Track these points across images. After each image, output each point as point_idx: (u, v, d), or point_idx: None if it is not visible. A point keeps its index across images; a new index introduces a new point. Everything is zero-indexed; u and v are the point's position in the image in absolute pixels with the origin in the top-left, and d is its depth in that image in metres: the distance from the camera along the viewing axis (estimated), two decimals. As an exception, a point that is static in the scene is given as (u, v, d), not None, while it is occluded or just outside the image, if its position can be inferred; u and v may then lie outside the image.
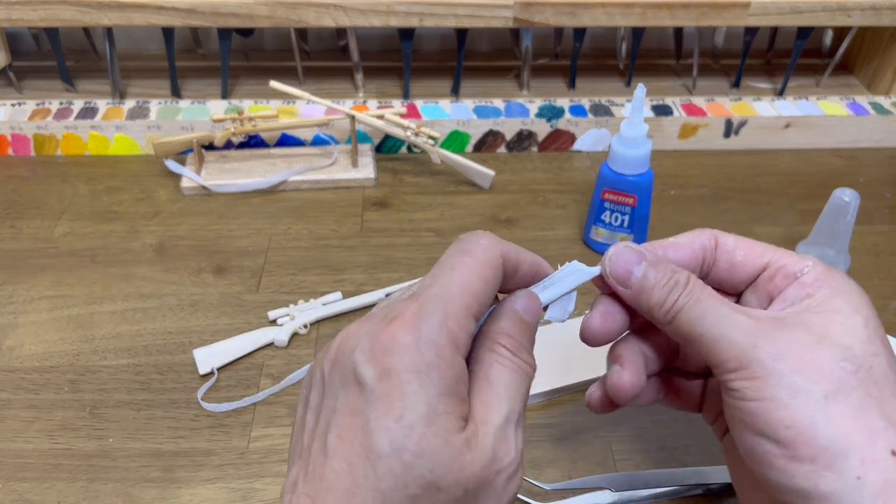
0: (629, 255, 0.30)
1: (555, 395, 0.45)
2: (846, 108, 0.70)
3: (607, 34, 0.81)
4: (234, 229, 0.58)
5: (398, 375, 0.24)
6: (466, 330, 0.26)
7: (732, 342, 0.27)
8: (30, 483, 0.40)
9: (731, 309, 0.28)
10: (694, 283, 0.29)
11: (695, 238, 0.32)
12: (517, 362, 0.28)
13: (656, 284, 0.29)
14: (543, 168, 0.66)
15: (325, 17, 0.64)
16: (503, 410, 0.26)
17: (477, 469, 0.25)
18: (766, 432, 0.26)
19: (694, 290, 0.29)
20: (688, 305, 0.28)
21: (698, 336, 0.28)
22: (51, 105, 0.67)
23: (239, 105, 0.68)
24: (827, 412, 0.25)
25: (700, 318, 0.28)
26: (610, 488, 0.40)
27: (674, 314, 0.29)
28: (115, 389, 0.45)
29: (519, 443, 0.26)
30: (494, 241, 0.29)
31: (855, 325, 0.27)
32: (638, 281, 0.30)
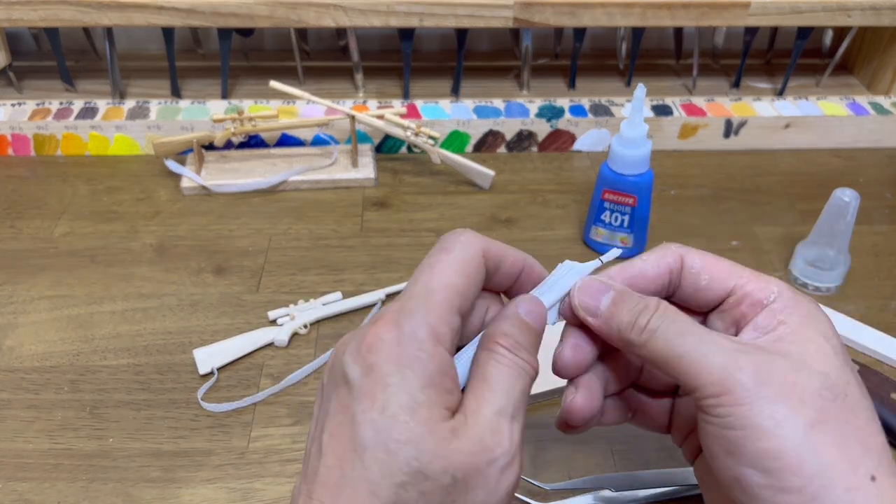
0: (597, 285, 0.30)
1: (555, 396, 0.45)
2: (846, 108, 0.70)
3: (607, 34, 0.81)
4: (235, 229, 0.58)
5: (380, 369, 0.25)
6: (448, 324, 0.27)
7: (714, 365, 0.27)
8: (30, 483, 0.40)
9: (709, 332, 0.28)
10: (665, 306, 0.29)
11: (660, 259, 0.31)
12: (514, 360, 0.28)
13: (625, 310, 0.29)
14: (543, 168, 0.66)
15: (325, 17, 0.64)
16: (496, 403, 0.26)
17: (464, 457, 0.25)
18: (751, 462, 0.26)
19: (667, 313, 0.29)
20: (662, 326, 0.28)
21: (677, 357, 0.27)
22: (51, 105, 0.67)
23: (239, 105, 0.68)
24: (812, 442, 0.25)
25: (678, 339, 0.28)
26: (610, 488, 0.40)
27: (648, 335, 0.28)
28: (115, 389, 0.45)
29: (514, 436, 0.26)
30: (473, 237, 0.29)
31: (828, 352, 0.27)
32: (606, 308, 0.30)
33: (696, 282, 0.31)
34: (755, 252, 0.57)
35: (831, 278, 0.52)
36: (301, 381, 0.46)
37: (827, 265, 0.52)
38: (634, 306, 0.29)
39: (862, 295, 0.53)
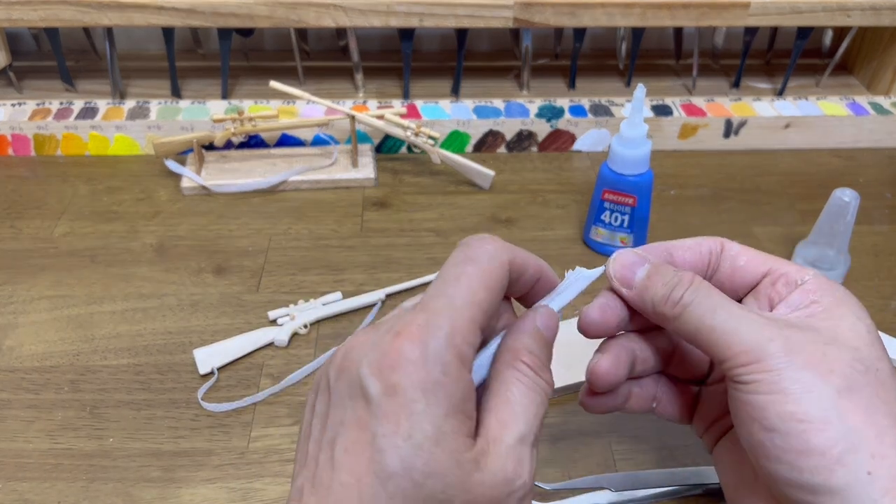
0: (633, 257, 0.31)
1: (555, 395, 0.45)
2: (846, 108, 0.70)
3: (607, 34, 0.81)
4: (235, 229, 0.58)
5: (405, 393, 0.24)
6: (472, 344, 0.26)
7: (746, 335, 0.27)
8: (30, 483, 0.40)
9: (741, 307, 0.29)
10: (699, 281, 0.29)
11: (701, 242, 0.32)
12: (538, 381, 0.27)
13: (660, 283, 0.30)
14: (543, 168, 0.66)
15: (325, 18, 0.64)
16: (519, 429, 0.26)
17: (487, 489, 0.24)
18: (776, 426, 0.26)
19: (700, 287, 0.29)
20: (696, 300, 0.29)
21: (709, 329, 0.28)
22: (51, 105, 0.67)
23: (239, 105, 0.68)
24: (839, 407, 0.26)
25: (711, 312, 0.28)
26: (610, 488, 0.40)
27: (681, 309, 0.29)
28: (116, 389, 0.45)
29: (532, 464, 0.26)
30: (500, 247, 0.28)
31: (860, 330, 0.28)
32: (641, 280, 0.30)
33: (733, 263, 0.32)
34: (755, 252, 0.57)
35: (831, 278, 0.52)
36: (301, 381, 0.46)
37: (827, 265, 0.52)
38: (669, 280, 0.29)
39: (862, 295, 0.53)
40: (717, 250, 0.32)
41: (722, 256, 0.32)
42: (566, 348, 0.47)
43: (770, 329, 0.27)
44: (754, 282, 0.31)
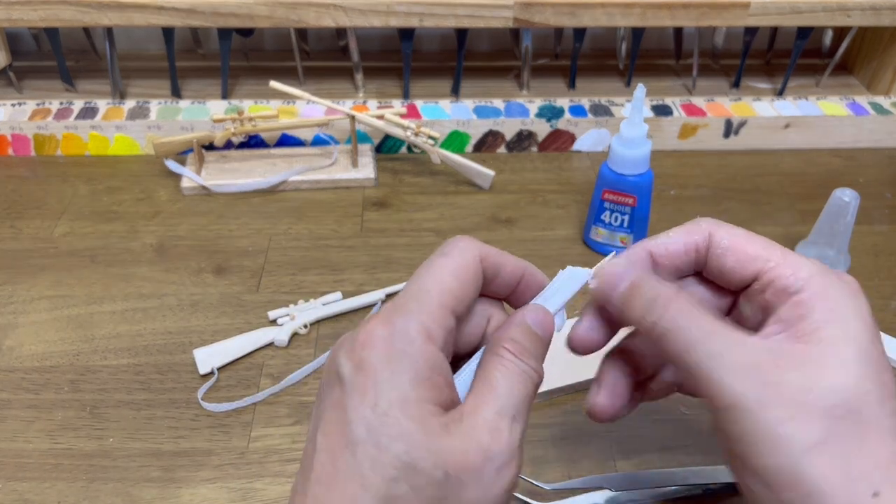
0: (616, 269, 0.30)
1: (555, 395, 0.45)
2: (846, 108, 0.70)
3: (607, 34, 0.81)
4: (235, 229, 0.58)
5: (371, 365, 0.25)
6: (441, 324, 0.27)
7: (720, 382, 0.27)
8: (30, 483, 0.40)
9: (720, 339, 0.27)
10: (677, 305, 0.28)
11: (687, 235, 0.31)
12: (520, 365, 0.28)
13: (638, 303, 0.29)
14: (543, 168, 0.66)
15: (325, 18, 0.64)
16: (497, 404, 0.26)
17: (458, 454, 0.25)
18: (754, 474, 0.26)
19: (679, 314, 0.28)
20: (673, 330, 0.28)
21: (685, 367, 0.28)
22: (51, 105, 0.67)
23: (239, 105, 0.68)
24: (812, 462, 0.25)
25: (686, 352, 0.27)
26: (610, 488, 0.40)
27: (657, 336, 0.28)
28: (116, 389, 0.45)
29: (514, 436, 0.26)
30: (471, 243, 0.29)
31: (847, 360, 0.27)
32: (621, 296, 0.30)
33: (721, 263, 0.30)
34: (755, 252, 0.57)
35: (831, 278, 0.52)
36: (301, 381, 0.46)
37: (827, 265, 0.52)
38: (645, 300, 0.29)
39: (862, 295, 0.53)
40: (703, 245, 0.31)
41: (709, 253, 0.31)
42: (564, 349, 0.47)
43: (747, 375, 0.26)
44: (744, 283, 0.30)
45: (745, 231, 0.31)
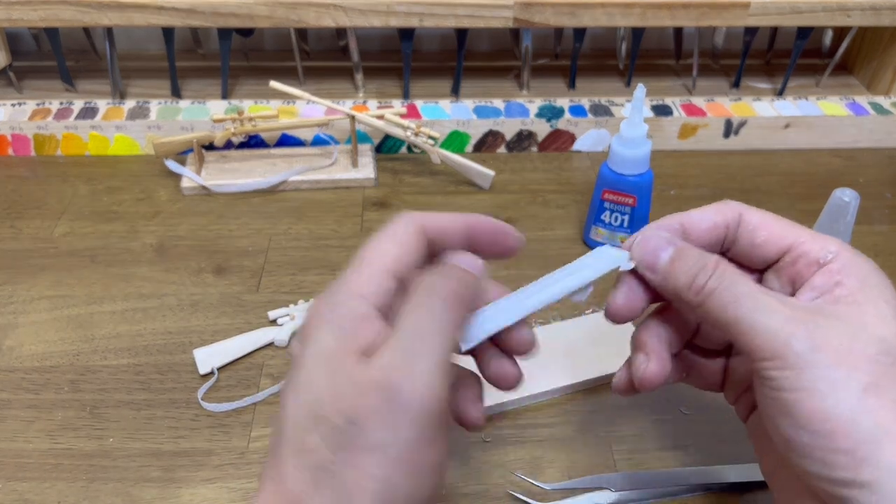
0: (656, 241, 0.31)
1: (555, 395, 0.45)
2: (846, 108, 0.70)
3: (607, 34, 0.81)
4: (235, 229, 0.58)
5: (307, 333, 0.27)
6: (376, 283, 0.27)
7: (769, 330, 0.27)
8: (30, 483, 0.40)
9: (765, 295, 0.28)
10: (724, 266, 0.29)
11: (718, 213, 0.32)
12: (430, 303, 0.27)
13: (683, 269, 0.29)
14: (543, 168, 0.66)
15: (325, 18, 0.64)
16: (403, 344, 0.25)
17: (357, 398, 0.24)
18: (803, 424, 0.26)
19: (725, 273, 0.29)
20: (719, 289, 0.28)
21: (732, 321, 0.28)
22: (51, 105, 0.67)
23: (239, 105, 0.68)
24: (865, 405, 0.26)
25: (734, 303, 0.28)
26: (610, 488, 0.40)
27: (703, 297, 0.29)
28: (116, 389, 0.45)
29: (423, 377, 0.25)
30: (410, 214, 0.30)
31: (887, 316, 0.27)
32: (664, 266, 0.30)
33: (752, 238, 0.31)
34: (755, 252, 0.57)
35: (831, 278, 0.52)
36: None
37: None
38: (693, 265, 0.29)
39: (862, 295, 0.53)
40: (734, 223, 0.31)
41: (739, 231, 0.31)
42: (564, 349, 0.47)
43: (794, 324, 0.27)
44: (774, 258, 0.31)
45: (772, 214, 0.32)
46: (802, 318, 0.27)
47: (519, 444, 0.42)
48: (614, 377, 0.34)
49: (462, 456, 0.41)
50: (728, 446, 0.42)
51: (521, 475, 0.40)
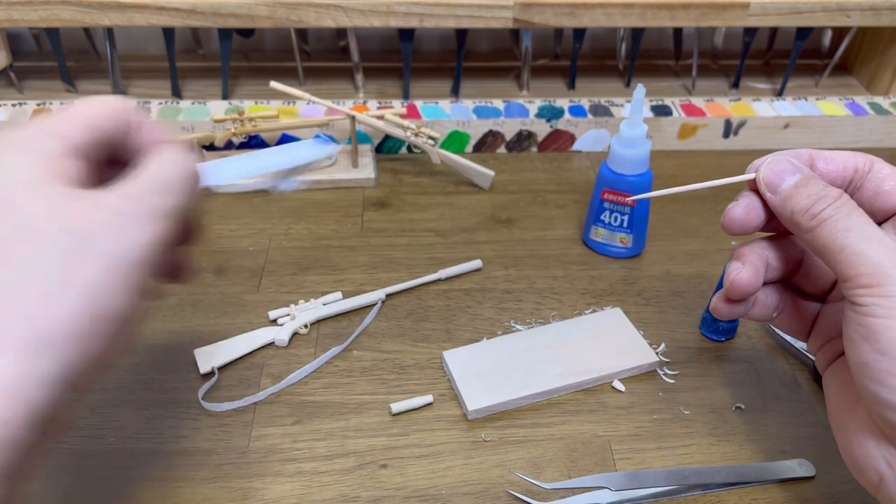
0: (785, 164, 0.32)
1: (555, 395, 0.45)
2: (845, 108, 0.70)
3: (607, 35, 0.81)
4: (235, 229, 0.58)
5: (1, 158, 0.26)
6: (68, 131, 0.27)
7: (872, 258, 0.28)
8: (30, 483, 0.40)
9: (877, 229, 0.29)
10: (845, 199, 0.30)
11: (851, 156, 0.33)
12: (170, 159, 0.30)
13: (805, 194, 0.31)
14: (543, 168, 0.66)
15: (326, 18, 0.64)
16: (136, 182, 0.27)
17: (80, 215, 0.25)
18: (885, 350, 0.27)
19: (844, 205, 0.30)
20: (835, 217, 0.29)
21: (839, 248, 0.29)
22: (52, 105, 0.67)
23: (239, 105, 0.68)
24: None
25: (845, 231, 0.29)
26: (610, 488, 0.40)
27: (818, 222, 0.30)
28: (116, 389, 0.45)
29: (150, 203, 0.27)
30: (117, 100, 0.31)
31: None
32: (788, 189, 0.31)
33: (879, 185, 0.32)
34: (754, 252, 0.57)
35: (830, 278, 0.53)
36: (301, 380, 0.46)
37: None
38: (815, 192, 0.30)
39: (861, 295, 0.53)
40: (864, 169, 0.32)
41: (868, 177, 0.32)
42: (563, 349, 0.47)
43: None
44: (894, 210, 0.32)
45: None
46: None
47: (519, 444, 0.42)
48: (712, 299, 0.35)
49: (462, 455, 0.42)
50: (728, 446, 0.43)
51: (521, 475, 0.40)
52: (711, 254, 0.56)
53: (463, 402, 0.44)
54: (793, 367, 0.48)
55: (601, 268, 0.55)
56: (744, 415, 0.45)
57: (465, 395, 0.44)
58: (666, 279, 0.54)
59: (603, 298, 0.52)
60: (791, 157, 0.33)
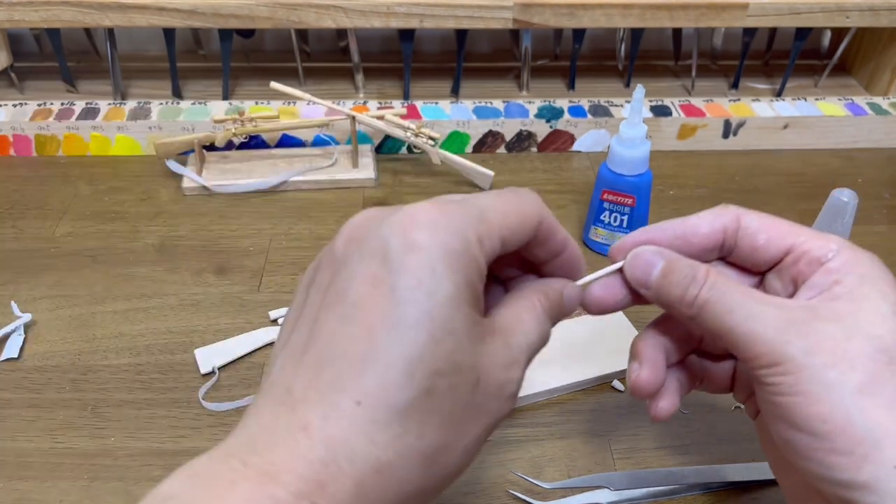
0: (647, 256, 0.30)
1: (555, 395, 0.45)
2: (844, 108, 0.70)
3: (606, 35, 0.81)
4: (236, 229, 0.58)
5: (428, 251, 0.23)
6: (491, 245, 0.25)
7: (763, 338, 0.27)
8: (31, 482, 0.40)
9: (758, 302, 0.28)
10: (713, 276, 0.29)
11: (716, 218, 0.31)
12: (543, 317, 0.28)
13: (675, 282, 0.29)
14: (543, 168, 0.67)
15: (326, 19, 0.64)
16: (521, 338, 0.27)
17: (490, 366, 0.25)
18: (802, 427, 0.26)
19: (716, 284, 0.29)
20: (712, 299, 0.28)
21: (727, 331, 0.28)
22: (52, 105, 0.67)
23: (240, 106, 0.68)
24: (861, 405, 0.26)
25: (728, 313, 0.28)
26: (610, 487, 0.40)
27: (697, 308, 0.29)
28: (117, 389, 0.45)
29: (522, 373, 0.27)
30: (537, 197, 0.29)
31: (885, 313, 0.27)
32: (656, 280, 0.30)
33: (753, 241, 0.31)
34: (754, 252, 0.57)
35: (830, 278, 0.53)
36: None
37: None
38: (683, 278, 0.29)
39: (860, 295, 0.53)
40: (732, 227, 0.31)
41: (739, 234, 0.31)
42: (564, 348, 0.47)
43: (788, 329, 0.27)
44: (776, 259, 0.31)
45: (770, 215, 0.31)
46: (798, 319, 0.27)
47: (519, 444, 0.42)
48: None
49: (462, 455, 0.42)
50: (728, 446, 0.43)
51: (521, 474, 0.40)
52: (711, 254, 0.57)
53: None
54: (792, 366, 0.48)
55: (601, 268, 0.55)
56: (744, 415, 0.45)
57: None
58: (665, 279, 0.54)
59: (602, 298, 0.52)
60: (652, 233, 0.31)
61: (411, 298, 0.23)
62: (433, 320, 0.23)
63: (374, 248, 0.24)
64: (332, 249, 0.26)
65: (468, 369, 0.24)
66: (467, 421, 0.24)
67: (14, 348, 0.47)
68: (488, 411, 0.25)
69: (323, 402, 0.22)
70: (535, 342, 0.27)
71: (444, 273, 0.23)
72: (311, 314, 0.25)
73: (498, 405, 0.25)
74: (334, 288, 0.25)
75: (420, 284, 0.23)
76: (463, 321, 0.24)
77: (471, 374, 0.24)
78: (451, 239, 0.24)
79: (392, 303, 0.23)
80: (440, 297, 0.23)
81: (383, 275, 0.23)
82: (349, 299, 0.24)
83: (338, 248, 0.26)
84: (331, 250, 0.26)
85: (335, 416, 0.22)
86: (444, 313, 0.23)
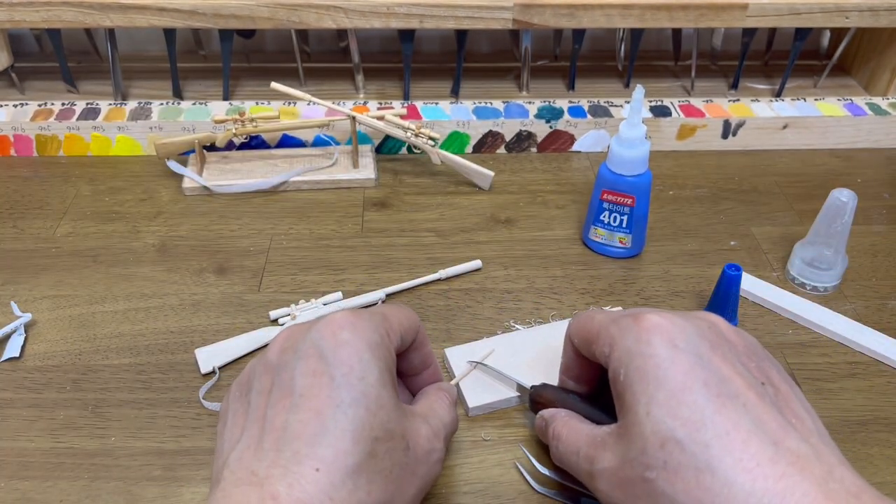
0: (540, 423, 0.39)
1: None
2: (844, 108, 0.70)
3: (606, 36, 0.81)
4: (236, 229, 0.58)
5: (354, 345, 0.30)
6: (396, 338, 0.33)
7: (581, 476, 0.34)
8: (32, 482, 0.40)
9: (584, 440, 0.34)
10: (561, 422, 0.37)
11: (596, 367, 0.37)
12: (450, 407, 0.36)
13: (547, 433, 0.38)
14: (542, 168, 0.67)
15: (326, 19, 0.64)
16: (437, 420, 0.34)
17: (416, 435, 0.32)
18: None
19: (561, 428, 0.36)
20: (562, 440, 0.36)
21: (576, 465, 0.35)
22: (53, 106, 0.67)
23: (240, 106, 0.68)
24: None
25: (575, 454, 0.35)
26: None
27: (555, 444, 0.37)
28: (118, 388, 0.45)
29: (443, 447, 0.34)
30: (415, 315, 0.36)
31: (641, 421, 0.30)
32: (549, 436, 0.38)
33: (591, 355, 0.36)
34: (753, 252, 0.57)
35: (829, 278, 0.53)
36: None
37: (825, 265, 0.53)
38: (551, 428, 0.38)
39: (859, 295, 0.53)
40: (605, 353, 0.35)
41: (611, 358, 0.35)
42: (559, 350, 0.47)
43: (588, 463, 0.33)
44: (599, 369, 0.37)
45: None
46: (591, 457, 0.33)
47: (518, 444, 0.42)
48: None
49: (462, 455, 0.42)
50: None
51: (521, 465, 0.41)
52: (710, 254, 0.57)
53: (463, 398, 0.44)
54: (791, 366, 0.48)
55: (600, 268, 0.55)
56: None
57: (465, 392, 0.44)
58: (665, 279, 0.54)
59: (602, 298, 0.52)
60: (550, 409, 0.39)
61: (348, 383, 0.29)
62: (367, 397, 0.29)
63: (309, 350, 0.30)
64: (267, 360, 0.32)
65: (399, 436, 0.30)
66: (404, 480, 0.30)
67: (15, 348, 0.47)
68: (421, 474, 0.31)
69: (287, 474, 0.27)
70: (449, 424, 0.35)
71: (370, 360, 0.30)
72: (257, 414, 0.30)
73: (427, 468, 0.32)
74: (278, 387, 0.30)
75: (352, 371, 0.29)
76: (389, 398, 0.30)
77: (402, 441, 0.30)
78: (369, 334, 0.31)
79: (333, 388, 0.29)
80: (371, 379, 0.30)
81: (322, 367, 0.30)
82: (296, 391, 0.29)
83: (272, 358, 0.32)
84: (265, 361, 0.32)
85: (299, 484, 0.27)
86: (375, 392, 0.29)
